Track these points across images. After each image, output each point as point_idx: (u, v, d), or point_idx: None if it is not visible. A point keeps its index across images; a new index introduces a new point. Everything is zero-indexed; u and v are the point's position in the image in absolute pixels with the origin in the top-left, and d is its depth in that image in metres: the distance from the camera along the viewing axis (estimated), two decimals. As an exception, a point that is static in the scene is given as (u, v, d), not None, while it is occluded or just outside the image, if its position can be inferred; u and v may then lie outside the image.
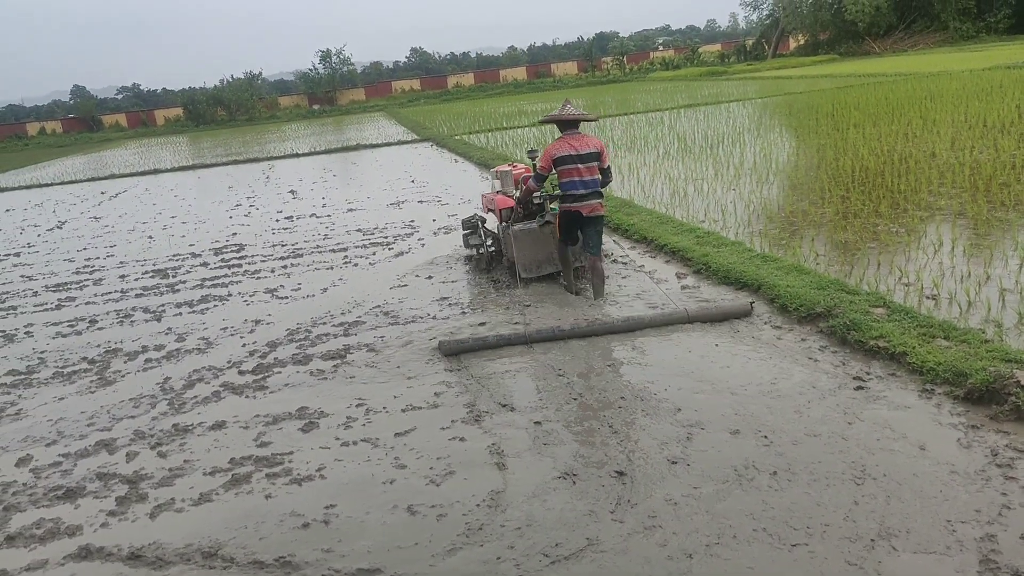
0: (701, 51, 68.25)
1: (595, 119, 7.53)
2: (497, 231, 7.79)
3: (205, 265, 9.84)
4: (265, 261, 9.69)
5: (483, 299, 6.91)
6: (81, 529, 3.79)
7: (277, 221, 12.74)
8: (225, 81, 65.57)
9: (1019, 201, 7.70)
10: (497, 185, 8.02)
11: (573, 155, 6.15)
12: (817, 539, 3.08)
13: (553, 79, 65.95)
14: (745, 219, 8.53)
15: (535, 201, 7.02)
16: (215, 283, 8.76)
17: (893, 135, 12.50)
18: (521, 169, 8.01)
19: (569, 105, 6.40)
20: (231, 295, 8.15)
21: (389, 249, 9.54)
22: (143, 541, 3.60)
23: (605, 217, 6.85)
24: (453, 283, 7.57)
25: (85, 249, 12.10)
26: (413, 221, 11.20)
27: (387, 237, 10.26)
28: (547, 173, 6.32)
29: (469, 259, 8.34)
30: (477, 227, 8.02)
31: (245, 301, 7.84)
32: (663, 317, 5.68)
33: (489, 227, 8.08)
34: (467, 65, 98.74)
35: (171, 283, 9.01)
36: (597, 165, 6.24)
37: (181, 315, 7.57)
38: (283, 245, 10.57)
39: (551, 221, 6.77)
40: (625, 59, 69.28)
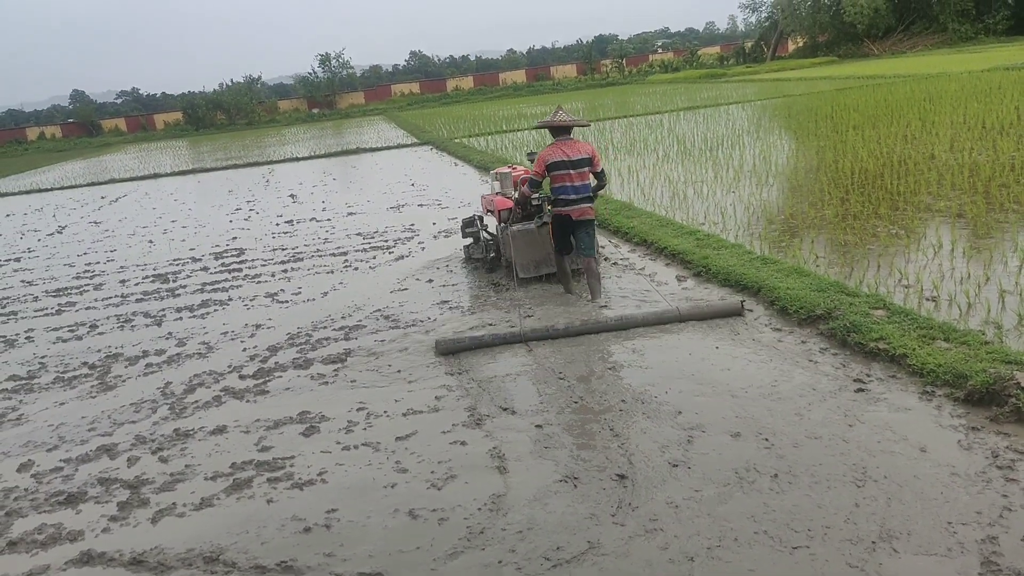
0: (700, 53, 68.40)
1: (587, 124, 7.69)
2: (496, 232, 7.84)
3: (205, 269, 9.85)
4: (265, 265, 9.70)
5: (483, 302, 6.93)
6: (83, 534, 3.79)
7: (277, 225, 12.76)
8: (224, 85, 65.51)
9: (1018, 202, 7.71)
10: (496, 187, 8.09)
11: (565, 161, 6.31)
12: (818, 541, 3.08)
13: (552, 82, 66.00)
14: (745, 221, 8.54)
15: (533, 202, 7.11)
16: (215, 287, 8.77)
17: (892, 137, 12.53)
18: (520, 171, 8.15)
19: (561, 111, 6.58)
20: (231, 299, 8.15)
21: (389, 253, 9.55)
22: (145, 546, 3.60)
23: (596, 220, 6.93)
24: (453, 286, 7.58)
25: (85, 254, 12.11)
26: (413, 225, 11.21)
27: (387, 241, 10.28)
28: (541, 178, 6.49)
29: (469, 259, 8.36)
30: (478, 234, 8.09)
31: (245, 305, 7.85)
32: (655, 316, 5.79)
33: (489, 228, 8.11)
34: (466, 68, 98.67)
35: (171, 288, 9.01)
36: (589, 170, 6.40)
37: (181, 319, 7.58)
38: (283, 249, 10.58)
39: (548, 223, 6.85)
40: (624, 62, 69.33)
